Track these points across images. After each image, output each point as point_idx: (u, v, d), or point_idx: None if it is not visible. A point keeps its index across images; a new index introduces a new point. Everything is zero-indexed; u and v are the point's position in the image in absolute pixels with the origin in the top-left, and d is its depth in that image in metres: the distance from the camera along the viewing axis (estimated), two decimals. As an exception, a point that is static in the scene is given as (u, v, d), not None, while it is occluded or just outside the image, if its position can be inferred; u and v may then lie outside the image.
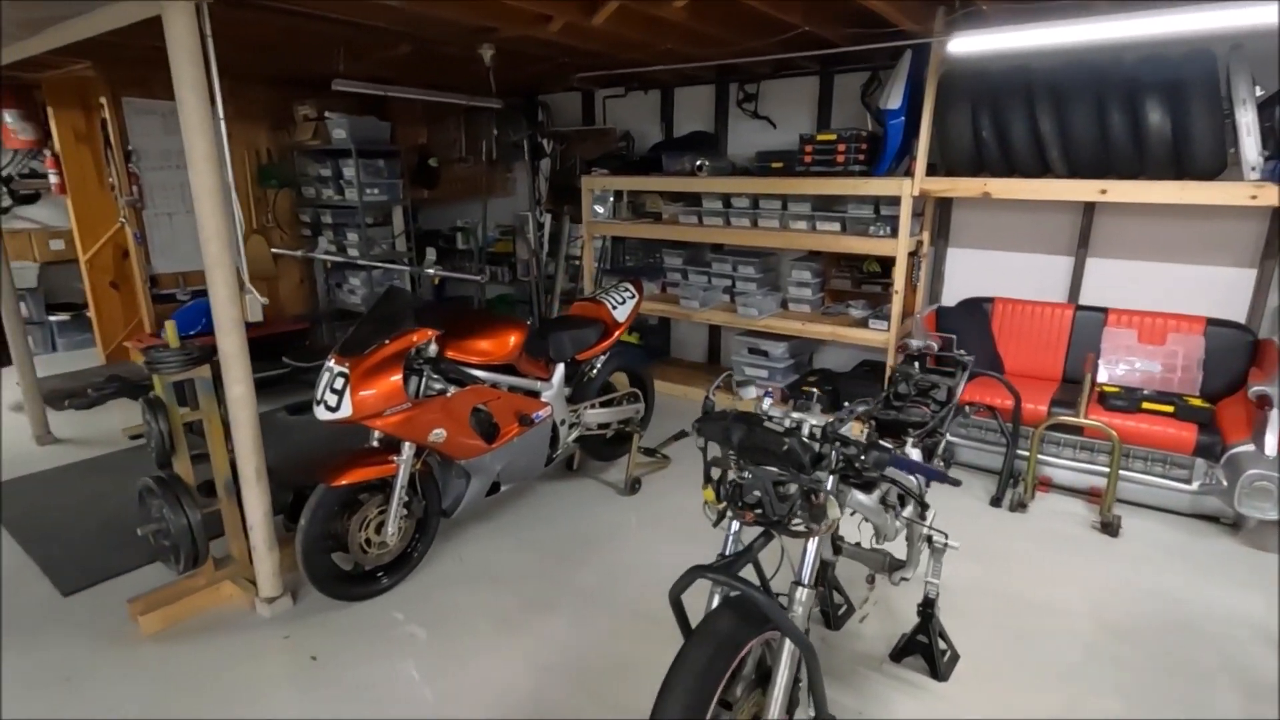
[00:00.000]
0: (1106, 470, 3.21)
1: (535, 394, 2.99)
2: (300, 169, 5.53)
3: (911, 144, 3.83)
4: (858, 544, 2.29)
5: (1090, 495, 3.40)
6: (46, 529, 3.11)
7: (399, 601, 2.65)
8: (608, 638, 2.45)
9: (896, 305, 3.97)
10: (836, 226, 4.22)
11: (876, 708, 2.12)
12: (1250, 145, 3.01)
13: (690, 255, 5.15)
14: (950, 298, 4.37)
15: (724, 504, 1.51)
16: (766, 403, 1.67)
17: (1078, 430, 3.31)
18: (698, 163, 4.48)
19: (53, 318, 5.96)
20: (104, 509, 3.28)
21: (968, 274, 4.35)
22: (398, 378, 2.36)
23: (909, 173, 3.83)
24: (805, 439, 1.45)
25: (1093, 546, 3.03)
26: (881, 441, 1.52)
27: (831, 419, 1.52)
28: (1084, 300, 3.93)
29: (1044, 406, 3.39)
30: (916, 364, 2.55)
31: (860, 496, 1.71)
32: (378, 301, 2.60)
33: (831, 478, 1.53)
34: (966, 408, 3.58)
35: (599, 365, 3.32)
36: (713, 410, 1.61)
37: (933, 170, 3.86)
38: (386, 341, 2.40)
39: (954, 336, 2.53)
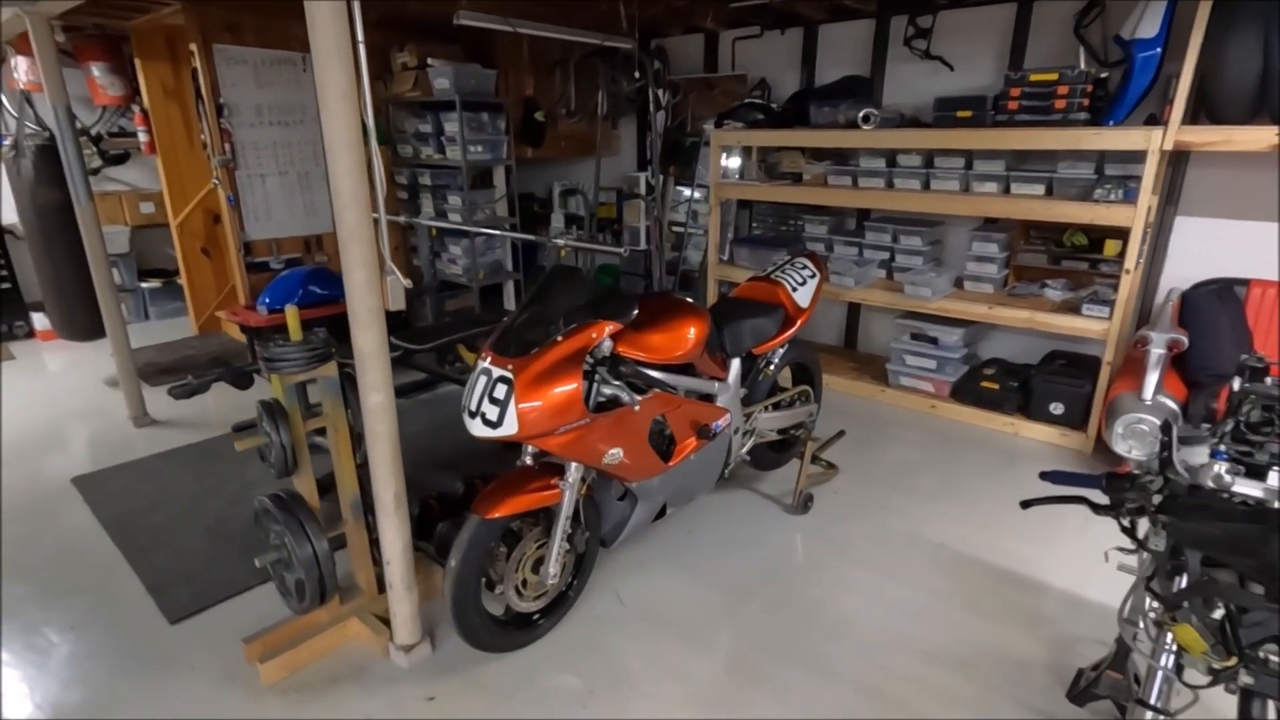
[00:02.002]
0: None
1: (711, 397, 2.42)
2: (397, 125, 5.05)
3: (1168, 84, 3.03)
4: None
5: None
6: (149, 534, 2.76)
7: (552, 650, 2.17)
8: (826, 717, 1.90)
9: (1125, 287, 3.21)
10: (1039, 189, 3.46)
11: None
12: None
13: (834, 223, 4.46)
14: (1173, 278, 3.58)
15: (1235, 661, 0.90)
16: (1221, 469, 1.05)
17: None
18: (863, 113, 3.76)
19: (145, 284, 5.72)
20: (209, 511, 2.91)
21: (1198, 249, 3.52)
22: (576, 386, 1.83)
23: (1155, 120, 3.05)
24: None
25: None
26: None
27: None
28: (1373, 284, 3.10)
29: (1350, 424, 2.62)
30: (1269, 379, 1.86)
31: None
32: (542, 282, 2.05)
33: None
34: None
35: (775, 360, 2.73)
36: (1184, 493, 1.00)
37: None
38: (559, 338, 1.87)
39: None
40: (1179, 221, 3.56)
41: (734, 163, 4.75)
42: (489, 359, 1.90)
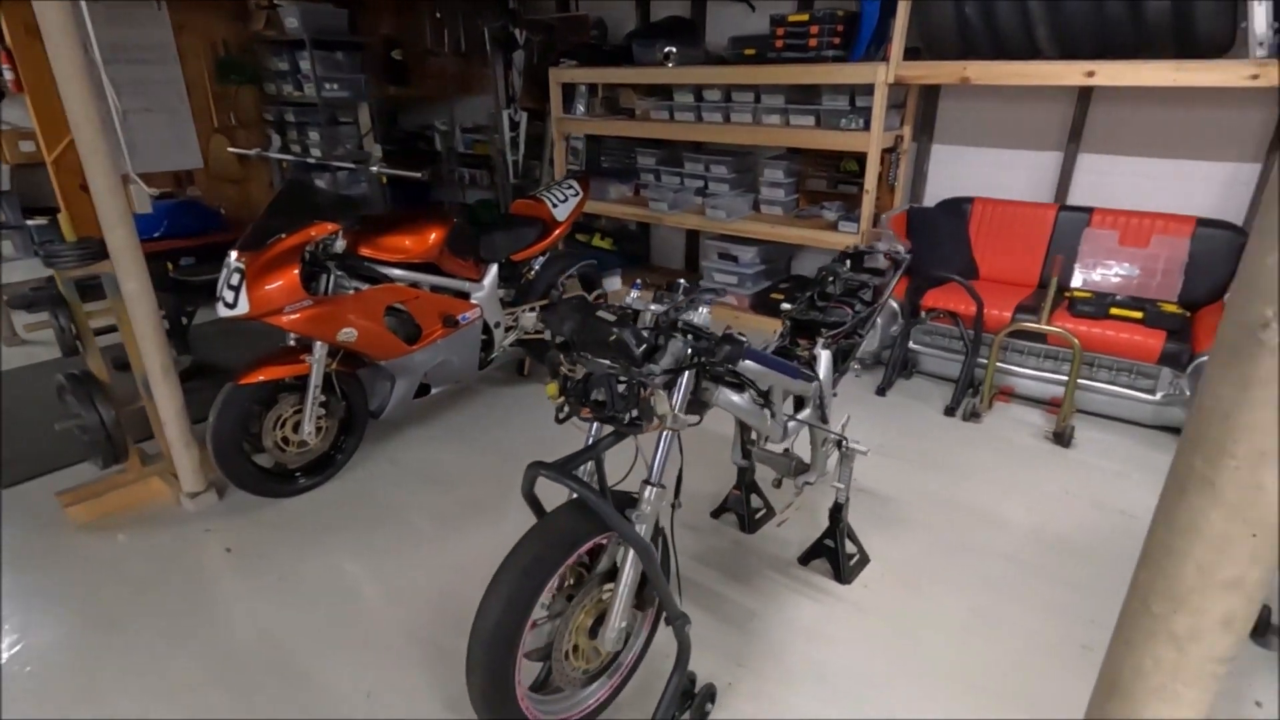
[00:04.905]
0: (1068, 379, 3.06)
1: (465, 295, 2.89)
2: (263, 63, 5.28)
3: (890, 24, 3.48)
4: (785, 451, 2.20)
5: (1052, 405, 3.27)
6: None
7: (328, 499, 2.67)
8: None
9: (867, 206, 3.72)
10: (811, 120, 3.92)
11: (773, 608, 2.10)
12: (1260, 15, 2.66)
13: (665, 155, 4.88)
14: (933, 198, 4.10)
15: (562, 398, 1.42)
16: (633, 295, 1.55)
17: (1040, 338, 3.14)
18: (665, 50, 4.15)
19: (30, 222, 5.93)
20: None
21: (954, 173, 4.04)
22: (294, 273, 2.27)
23: (886, 58, 3.50)
24: (643, 329, 1.33)
25: (1043, 457, 2.93)
26: (794, 342, 1.40)
27: (668, 306, 1.40)
28: (1074, 200, 3.65)
29: (1008, 313, 3.21)
30: (849, 262, 2.38)
31: (730, 395, 1.61)
32: (279, 194, 2.47)
33: (687, 374, 1.43)
34: (925, 314, 3.42)
35: (537, 266, 3.19)
36: (559, 299, 1.50)
37: (916, 55, 3.52)
38: (283, 236, 2.30)
39: (942, 224, 2.36)
40: (935, 149, 4.06)
41: (585, 98, 5.11)
42: (233, 255, 2.33)
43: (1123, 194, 3.49)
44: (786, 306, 2.22)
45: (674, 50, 4.10)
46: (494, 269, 2.99)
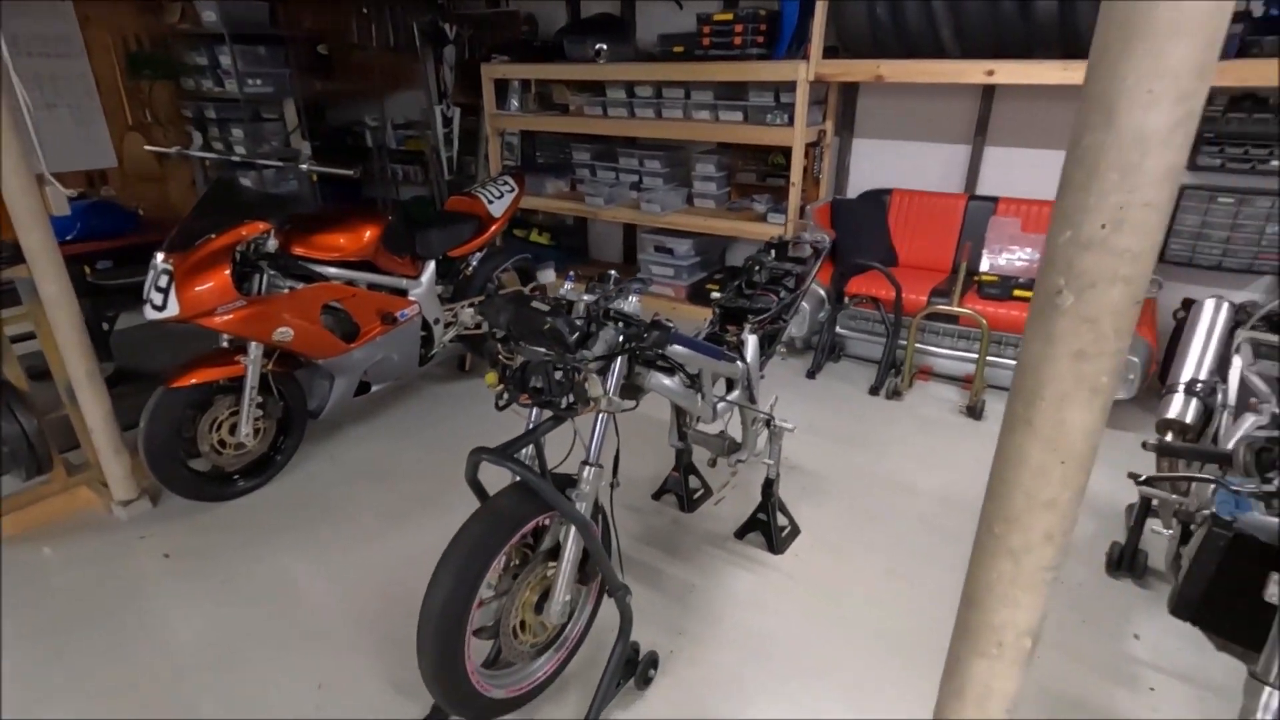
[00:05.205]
0: (978, 357, 3.29)
1: (403, 292, 2.90)
2: (178, 57, 5.08)
3: (809, 24, 3.64)
4: (720, 432, 2.31)
5: (966, 382, 3.51)
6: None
7: (269, 499, 2.65)
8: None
9: (794, 198, 3.90)
10: (739, 116, 4.06)
11: (711, 580, 2.23)
12: (1133, 21, 2.92)
13: (600, 151, 4.95)
14: (855, 190, 4.31)
15: (501, 385, 1.50)
16: (567, 286, 1.63)
17: (953, 319, 3.37)
18: (597, 47, 4.22)
19: (-75, 226, 5.55)
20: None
21: (874, 165, 4.26)
22: (224, 273, 2.25)
23: (807, 56, 3.67)
24: (576, 318, 1.42)
25: (957, 430, 3.15)
26: (723, 329, 1.50)
27: (599, 296, 1.49)
28: (982, 190, 3.90)
29: (924, 297, 3.43)
30: (773, 251, 2.52)
31: (661, 378, 1.71)
32: (206, 193, 2.44)
33: (620, 359, 1.52)
34: (849, 300, 3.62)
35: (474, 262, 3.22)
36: (494, 292, 1.57)
37: (835, 54, 3.70)
38: (213, 236, 2.28)
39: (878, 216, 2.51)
40: (856, 143, 4.27)
41: (518, 94, 5.12)
42: (159, 256, 2.29)
43: (1025, 184, 3.76)
44: (716, 295, 2.34)
45: (605, 47, 4.18)
46: (431, 266, 3.01)
